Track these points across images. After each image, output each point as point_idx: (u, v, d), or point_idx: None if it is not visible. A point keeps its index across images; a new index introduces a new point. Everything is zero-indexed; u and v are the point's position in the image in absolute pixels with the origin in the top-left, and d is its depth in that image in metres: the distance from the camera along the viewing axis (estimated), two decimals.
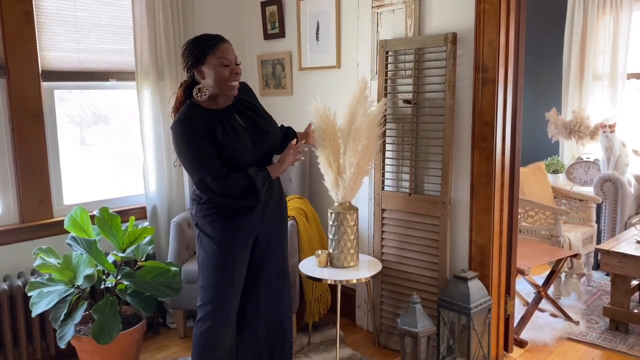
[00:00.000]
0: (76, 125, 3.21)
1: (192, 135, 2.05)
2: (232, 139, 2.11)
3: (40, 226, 2.87)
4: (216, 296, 2.19)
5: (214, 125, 2.09)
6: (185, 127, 2.07)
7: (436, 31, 2.76)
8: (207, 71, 2.08)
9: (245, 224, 2.20)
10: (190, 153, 2.08)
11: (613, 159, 4.19)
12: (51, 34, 2.90)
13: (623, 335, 3.12)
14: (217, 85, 2.09)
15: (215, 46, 2.07)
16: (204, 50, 2.07)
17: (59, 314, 2.47)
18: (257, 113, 2.27)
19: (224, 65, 2.07)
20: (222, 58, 2.07)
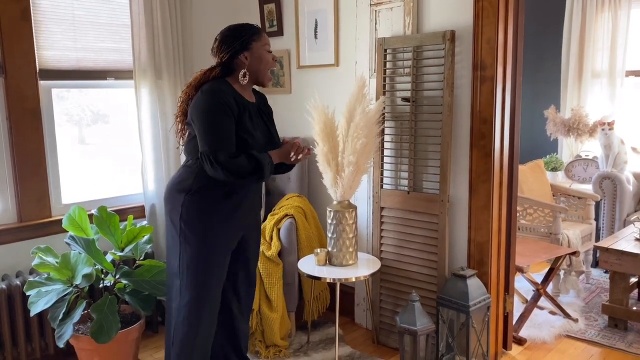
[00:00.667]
0: (75, 124, 3.21)
1: (221, 106, 2.08)
2: (254, 128, 2.19)
3: (38, 225, 2.87)
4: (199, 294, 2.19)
5: (243, 108, 2.16)
6: (216, 96, 2.10)
7: (434, 29, 2.75)
8: (251, 57, 2.18)
9: (236, 223, 2.24)
10: (212, 123, 2.08)
11: (612, 157, 4.19)
12: (48, 32, 2.89)
13: (622, 332, 3.12)
14: (260, 69, 2.21)
15: (259, 34, 2.22)
16: (250, 37, 2.18)
17: (57, 313, 2.47)
18: (271, 122, 2.38)
19: (268, 51, 2.23)
20: (267, 44, 2.24)
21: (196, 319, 2.21)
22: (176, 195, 2.20)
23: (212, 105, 2.10)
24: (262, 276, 2.93)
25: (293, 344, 3.04)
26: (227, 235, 2.23)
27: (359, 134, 2.63)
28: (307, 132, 3.38)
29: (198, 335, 2.22)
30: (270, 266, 2.92)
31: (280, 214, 3.11)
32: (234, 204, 2.21)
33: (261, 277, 2.93)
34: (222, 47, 2.20)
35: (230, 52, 2.18)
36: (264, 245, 2.98)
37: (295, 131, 3.52)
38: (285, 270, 2.97)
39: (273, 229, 3.05)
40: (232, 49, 2.18)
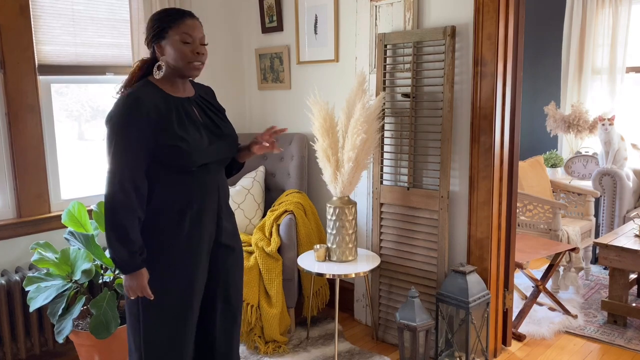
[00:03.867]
0: (74, 119, 3.20)
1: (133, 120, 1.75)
2: (186, 130, 1.83)
3: (37, 221, 2.86)
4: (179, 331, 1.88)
5: (169, 110, 1.82)
6: (130, 106, 1.77)
7: (435, 24, 2.74)
8: (167, 47, 1.82)
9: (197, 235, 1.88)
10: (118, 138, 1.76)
11: (612, 153, 4.18)
12: (47, 27, 2.88)
13: (621, 328, 3.12)
14: (175, 63, 1.83)
15: (178, 20, 1.83)
16: (166, 24, 1.83)
17: (56, 309, 2.46)
18: (217, 114, 2.01)
19: (185, 42, 1.82)
20: (185, 34, 1.82)
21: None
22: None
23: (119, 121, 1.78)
24: (261, 272, 2.92)
25: (292, 340, 3.04)
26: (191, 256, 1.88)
27: (359, 129, 2.62)
28: (306, 128, 3.37)
29: None
30: (270, 262, 2.92)
31: (280, 210, 3.10)
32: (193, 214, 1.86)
33: (261, 273, 2.93)
34: (145, 36, 1.89)
35: (148, 42, 1.87)
36: (263, 241, 2.98)
37: (295, 127, 3.52)
38: (285, 266, 2.96)
39: (273, 225, 3.05)
40: (148, 38, 1.87)
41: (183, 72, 1.86)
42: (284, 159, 3.41)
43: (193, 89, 1.99)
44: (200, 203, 1.88)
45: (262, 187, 3.37)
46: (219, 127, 1.96)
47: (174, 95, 1.88)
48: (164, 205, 1.84)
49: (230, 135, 1.99)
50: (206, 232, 1.92)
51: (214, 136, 1.93)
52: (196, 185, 1.87)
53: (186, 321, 1.90)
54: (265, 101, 3.72)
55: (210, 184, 1.91)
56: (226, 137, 1.97)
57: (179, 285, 1.87)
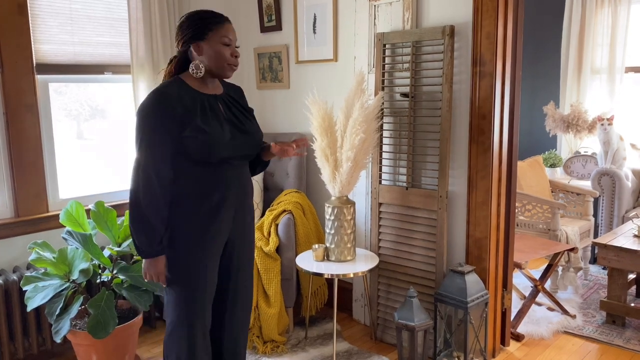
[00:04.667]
0: (73, 119, 3.19)
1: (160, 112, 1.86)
2: (208, 123, 1.93)
3: (35, 220, 2.86)
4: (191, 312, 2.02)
5: (194, 104, 1.93)
6: (158, 100, 1.88)
7: (434, 24, 2.74)
8: (206, 48, 1.94)
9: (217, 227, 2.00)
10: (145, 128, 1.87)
11: (610, 153, 4.18)
12: (45, 26, 2.87)
13: (619, 329, 3.12)
14: (214, 63, 1.95)
15: (219, 23, 1.96)
16: (207, 26, 1.94)
17: (54, 309, 2.46)
18: (243, 112, 2.11)
19: (226, 44, 1.96)
20: (225, 37, 1.96)
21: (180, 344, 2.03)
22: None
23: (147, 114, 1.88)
24: (260, 272, 2.92)
25: (291, 340, 3.04)
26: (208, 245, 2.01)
27: (358, 129, 2.61)
28: (305, 128, 3.37)
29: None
30: (268, 262, 2.92)
31: (279, 209, 3.10)
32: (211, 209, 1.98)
33: (259, 273, 2.92)
34: (178, 35, 1.99)
35: (184, 41, 1.97)
36: (261, 241, 2.98)
37: (293, 126, 3.51)
38: (283, 266, 2.96)
39: (271, 224, 3.04)
40: (185, 37, 1.96)
41: (219, 73, 2.00)
42: (283, 158, 3.40)
43: (222, 87, 2.10)
44: (221, 196, 1.98)
45: (260, 187, 3.36)
46: (242, 123, 2.06)
47: (200, 92, 1.99)
48: (185, 196, 1.94)
49: (252, 132, 2.09)
50: (225, 225, 2.03)
51: (237, 132, 2.03)
52: (218, 178, 1.97)
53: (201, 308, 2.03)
54: (264, 101, 3.71)
55: (231, 179, 2.02)
56: (249, 134, 2.07)
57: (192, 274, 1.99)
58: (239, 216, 2.10)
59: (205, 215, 1.97)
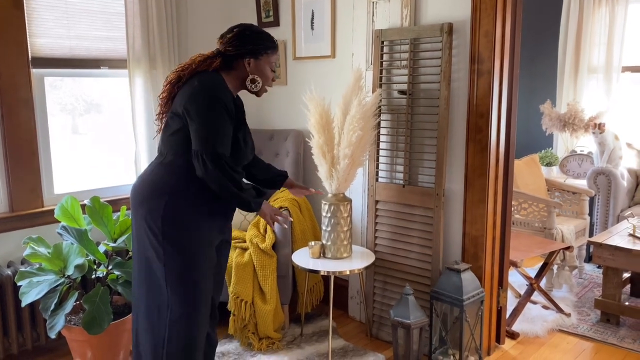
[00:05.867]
0: (68, 113, 3.17)
1: (225, 105, 1.95)
2: (245, 131, 2.13)
3: (30, 215, 2.84)
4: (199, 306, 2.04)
5: (238, 110, 2.10)
6: (220, 93, 1.97)
7: (432, 21, 2.73)
8: (256, 66, 2.08)
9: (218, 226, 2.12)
10: (214, 122, 1.93)
11: (607, 152, 4.19)
12: (41, 19, 2.85)
13: (614, 327, 3.13)
14: (261, 82, 2.12)
15: (274, 49, 2.13)
16: (266, 47, 2.09)
17: (49, 304, 2.45)
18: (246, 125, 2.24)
19: (272, 70, 2.15)
20: (274, 63, 2.16)
21: (190, 336, 2.04)
22: (155, 197, 1.98)
23: (215, 102, 1.93)
24: (255, 268, 2.91)
25: (286, 336, 3.03)
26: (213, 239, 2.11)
27: (355, 126, 2.61)
28: (301, 124, 3.36)
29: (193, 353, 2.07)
30: (264, 259, 2.91)
31: (275, 206, 3.09)
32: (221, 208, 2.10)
33: (255, 270, 2.92)
34: (235, 41, 2.05)
35: (239, 51, 2.05)
36: (258, 238, 2.97)
37: (290, 123, 3.50)
38: (280, 263, 2.95)
39: None
40: (243, 49, 2.05)
41: (256, 91, 2.14)
42: (280, 155, 3.40)
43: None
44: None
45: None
46: (249, 134, 2.21)
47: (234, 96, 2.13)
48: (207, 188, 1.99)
49: (252, 141, 2.23)
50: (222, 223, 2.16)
51: (250, 140, 2.19)
52: None
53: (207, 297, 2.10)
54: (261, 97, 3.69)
55: None
56: (252, 145, 2.22)
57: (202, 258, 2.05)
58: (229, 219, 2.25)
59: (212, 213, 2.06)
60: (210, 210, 2.05)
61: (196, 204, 2.00)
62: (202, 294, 2.05)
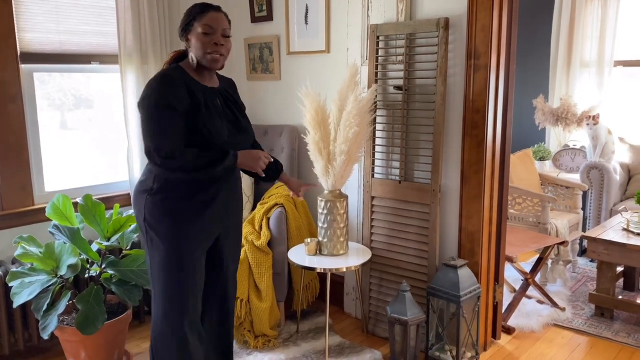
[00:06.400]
0: (57, 109, 3.11)
1: (165, 98, 1.86)
2: (211, 117, 1.95)
3: (20, 214, 2.79)
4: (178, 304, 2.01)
5: (199, 99, 1.94)
6: (161, 85, 1.88)
7: (428, 16, 2.71)
8: (192, 39, 1.96)
9: (206, 221, 2.03)
10: (153, 116, 1.87)
11: (599, 147, 4.20)
12: (30, 14, 2.79)
13: (608, 321, 3.15)
14: (197, 53, 1.95)
15: (202, 13, 1.95)
16: (192, 17, 1.95)
17: (41, 304, 2.40)
18: (238, 109, 2.14)
19: (206, 33, 1.93)
20: (206, 25, 1.93)
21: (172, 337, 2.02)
22: (139, 196, 2.01)
23: (155, 96, 1.87)
24: (251, 266, 2.89)
25: (282, 334, 3.02)
26: (197, 236, 2.02)
27: (352, 122, 2.58)
28: (296, 120, 3.33)
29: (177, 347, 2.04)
30: (260, 256, 2.88)
31: (270, 203, 3.06)
32: (202, 202, 2.00)
33: (250, 267, 2.89)
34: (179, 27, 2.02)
35: (181, 34, 1.99)
36: (253, 235, 2.95)
37: (284, 118, 3.47)
38: (275, 260, 2.93)
39: (262, 218, 3.01)
40: (181, 30, 1.99)
41: (203, 64, 1.98)
42: (274, 150, 3.37)
43: (218, 81, 2.11)
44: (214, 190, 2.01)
45: (250, 180, 3.32)
46: (238, 120, 2.09)
47: (201, 83, 2.00)
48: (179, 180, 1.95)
49: (247, 130, 2.14)
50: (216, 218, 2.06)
51: (234, 129, 2.06)
52: None
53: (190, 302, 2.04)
54: (254, 92, 3.66)
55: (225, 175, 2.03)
56: (244, 132, 2.11)
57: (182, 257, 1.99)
58: (232, 211, 2.15)
59: (197, 205, 1.98)
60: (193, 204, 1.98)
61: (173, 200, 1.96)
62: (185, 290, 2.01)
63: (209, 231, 2.07)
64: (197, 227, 2.00)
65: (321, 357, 2.77)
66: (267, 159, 2.07)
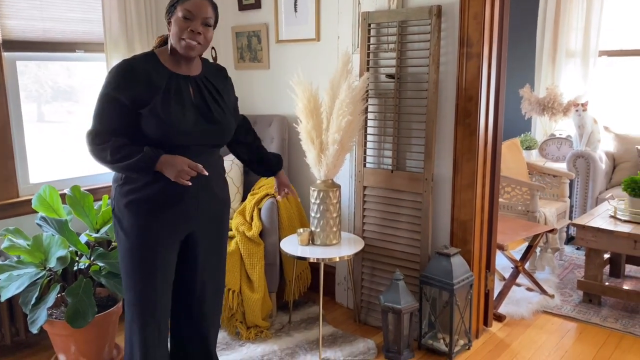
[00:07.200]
0: (33, 101, 3.02)
1: (112, 87, 1.82)
2: (168, 106, 1.84)
3: (5, 206, 2.71)
4: (138, 299, 1.97)
5: (159, 83, 1.86)
6: (115, 74, 1.85)
7: (420, 3, 2.69)
8: (172, 23, 1.88)
9: (171, 216, 1.93)
10: (98, 101, 1.86)
11: (585, 135, 4.25)
12: (12, 0, 2.70)
13: (596, 307, 3.19)
14: (173, 38, 1.87)
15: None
16: (175, 1, 1.88)
17: (29, 298, 2.35)
18: (215, 99, 1.99)
19: (185, 17, 1.84)
20: (186, 11, 1.83)
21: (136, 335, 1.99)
22: (112, 186, 1.99)
23: (105, 84, 1.85)
24: (243, 257, 2.86)
25: (274, 325, 3.00)
26: (165, 228, 1.93)
27: (345, 111, 2.56)
28: (285, 110, 3.30)
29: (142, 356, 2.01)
30: (251, 247, 2.86)
31: (261, 193, 3.03)
32: (168, 196, 1.90)
33: (242, 258, 2.86)
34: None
35: (166, 17, 1.93)
36: (244, 226, 2.91)
37: (273, 108, 3.43)
38: (267, 251, 2.91)
39: (254, 208, 2.98)
40: (165, 16, 1.92)
41: (177, 49, 1.88)
42: (264, 141, 3.30)
43: (201, 68, 2.01)
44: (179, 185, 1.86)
45: (240, 170, 3.28)
46: (211, 111, 1.96)
47: (171, 70, 1.91)
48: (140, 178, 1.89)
49: (220, 122, 1.98)
50: (183, 214, 1.96)
51: (203, 119, 1.93)
52: None
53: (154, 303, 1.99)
54: (242, 81, 3.61)
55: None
56: (215, 124, 1.96)
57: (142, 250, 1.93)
58: (205, 207, 2.02)
59: (160, 198, 1.90)
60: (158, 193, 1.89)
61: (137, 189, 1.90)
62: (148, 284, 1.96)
63: (173, 228, 1.96)
64: (159, 221, 1.92)
65: (314, 347, 2.76)
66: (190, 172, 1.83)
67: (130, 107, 1.83)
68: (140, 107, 1.83)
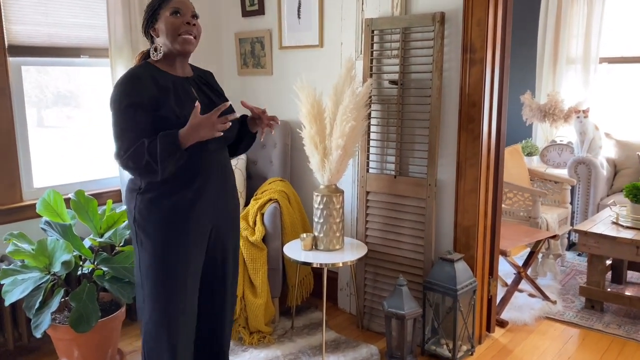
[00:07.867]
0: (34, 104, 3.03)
1: (129, 96, 1.80)
2: (182, 106, 1.87)
3: (9, 210, 2.72)
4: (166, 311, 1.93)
5: (167, 86, 1.88)
6: (125, 86, 1.83)
7: (423, 10, 2.71)
8: (160, 26, 1.88)
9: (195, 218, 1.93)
10: (118, 119, 1.81)
11: (587, 142, 4.26)
12: (17, 5, 2.72)
13: (598, 313, 3.19)
14: (168, 39, 1.87)
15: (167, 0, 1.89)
16: (157, 6, 1.89)
17: (33, 302, 2.34)
18: (216, 95, 2.06)
19: (176, 12, 1.87)
20: (174, 7, 1.87)
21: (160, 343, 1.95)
22: (129, 195, 1.96)
23: (119, 97, 1.82)
24: (246, 262, 2.86)
25: (277, 330, 3.00)
26: (190, 234, 1.93)
27: (348, 116, 2.57)
28: (288, 115, 3.31)
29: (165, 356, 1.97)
30: (254, 252, 2.86)
31: (264, 198, 3.04)
32: (189, 199, 1.91)
33: (245, 263, 2.86)
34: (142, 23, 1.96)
35: (146, 28, 1.94)
36: (247, 231, 2.92)
37: (276, 114, 3.44)
38: (270, 256, 2.91)
39: (257, 213, 2.98)
40: (146, 24, 1.93)
41: (176, 48, 1.90)
42: (267, 146, 3.34)
43: (192, 71, 2.05)
44: (200, 182, 1.92)
45: (243, 175, 3.29)
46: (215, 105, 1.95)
47: (171, 74, 1.94)
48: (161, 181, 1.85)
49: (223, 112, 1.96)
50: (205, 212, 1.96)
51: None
52: (194, 163, 1.90)
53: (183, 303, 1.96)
54: (245, 87, 3.63)
55: (209, 164, 1.95)
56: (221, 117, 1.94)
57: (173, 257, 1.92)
58: (221, 202, 2.04)
59: (183, 201, 1.90)
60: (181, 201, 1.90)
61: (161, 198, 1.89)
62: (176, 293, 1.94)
63: (200, 229, 1.97)
64: (186, 224, 1.92)
65: (317, 352, 2.76)
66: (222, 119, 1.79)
67: (149, 110, 1.82)
68: (156, 110, 1.84)
